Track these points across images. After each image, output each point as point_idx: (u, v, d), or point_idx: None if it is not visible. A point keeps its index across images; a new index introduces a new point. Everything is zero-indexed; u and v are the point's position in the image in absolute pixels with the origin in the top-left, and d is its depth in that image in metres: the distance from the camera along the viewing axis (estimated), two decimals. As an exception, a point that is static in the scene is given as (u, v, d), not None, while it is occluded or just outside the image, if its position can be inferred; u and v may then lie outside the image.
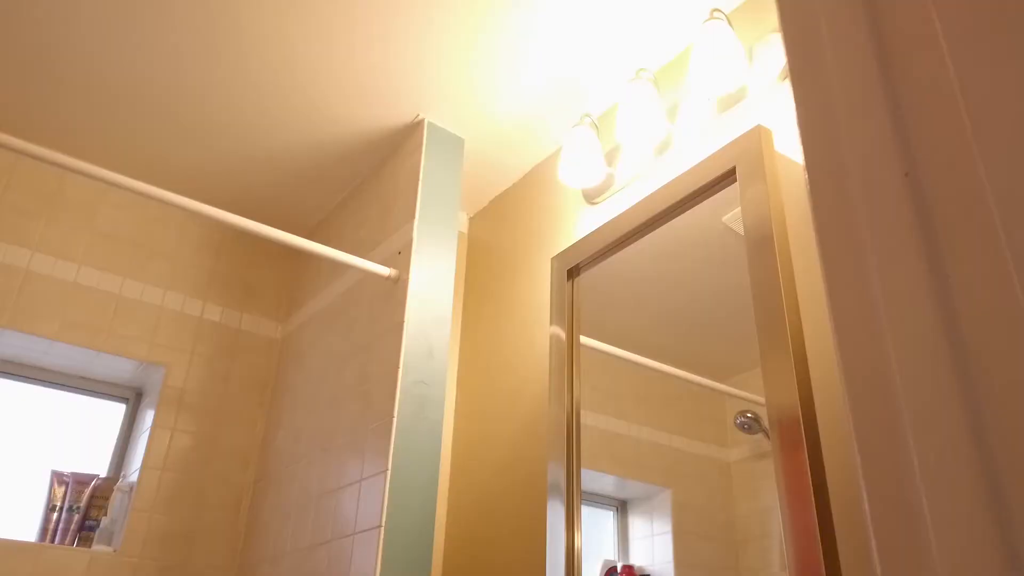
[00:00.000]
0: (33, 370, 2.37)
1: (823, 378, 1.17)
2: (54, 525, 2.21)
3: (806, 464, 1.08)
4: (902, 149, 0.47)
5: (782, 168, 1.37)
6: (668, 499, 1.36)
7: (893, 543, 0.39)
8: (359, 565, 1.66)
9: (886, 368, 0.44)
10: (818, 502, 1.06)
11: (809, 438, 1.11)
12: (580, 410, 1.63)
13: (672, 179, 1.58)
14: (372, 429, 1.82)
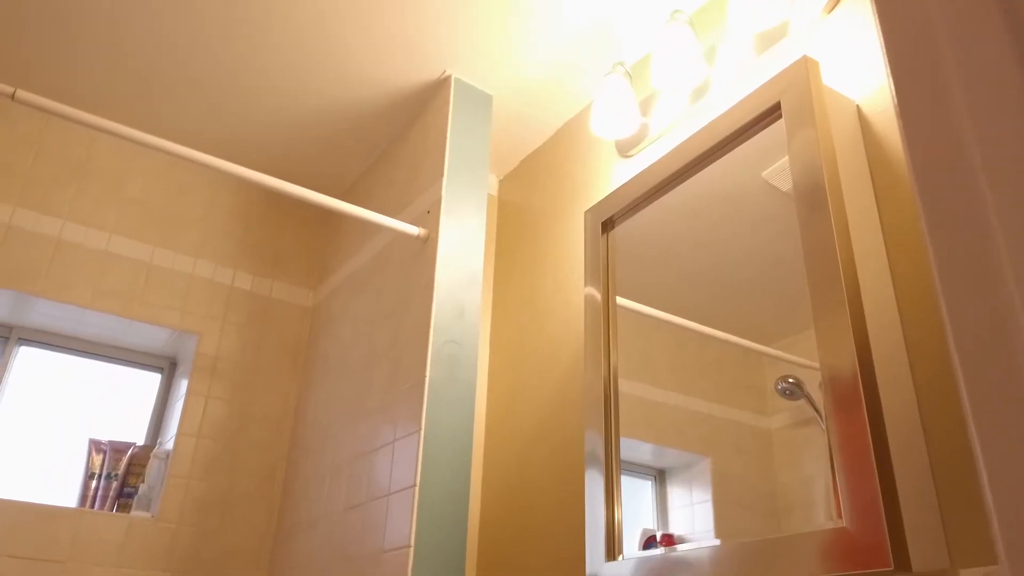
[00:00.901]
0: (69, 340, 2.38)
1: (882, 337, 1.11)
2: (93, 492, 2.23)
3: (866, 429, 1.02)
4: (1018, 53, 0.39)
5: (831, 104, 1.28)
6: (707, 468, 1.32)
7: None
8: (394, 526, 1.64)
9: (1008, 323, 0.37)
10: (880, 469, 1.00)
11: (869, 401, 1.04)
12: (617, 375, 1.58)
13: (711, 121, 1.51)
14: (404, 390, 1.79)
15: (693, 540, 1.28)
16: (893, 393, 1.08)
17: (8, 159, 2.23)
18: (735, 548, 1.17)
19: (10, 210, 2.19)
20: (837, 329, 1.11)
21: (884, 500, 0.98)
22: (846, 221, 1.19)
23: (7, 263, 2.14)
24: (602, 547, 1.41)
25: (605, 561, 1.39)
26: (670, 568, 1.25)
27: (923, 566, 0.97)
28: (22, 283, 2.14)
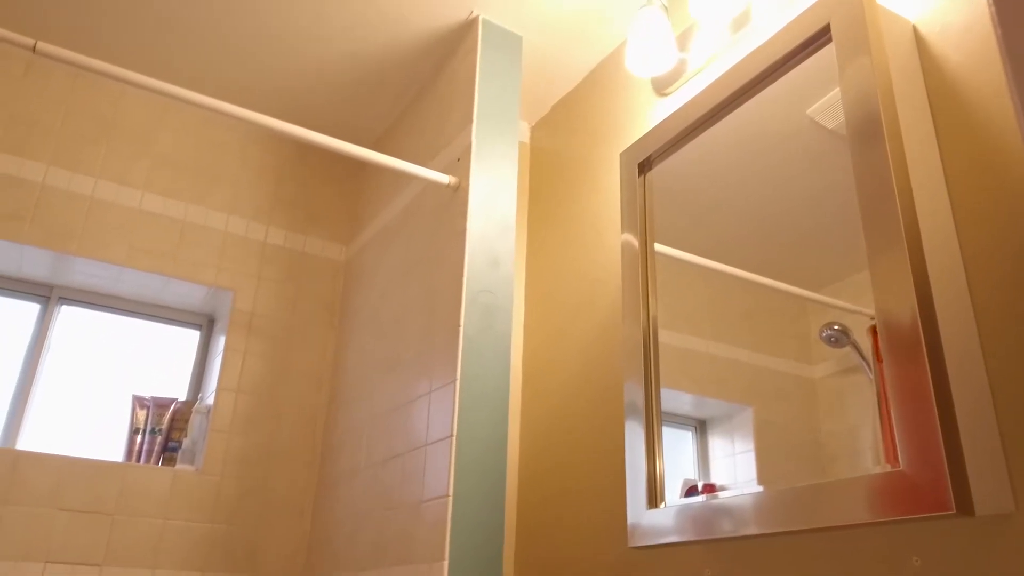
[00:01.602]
0: (108, 298, 2.41)
1: (943, 277, 1.04)
2: (138, 447, 2.27)
3: (926, 371, 0.97)
4: None
5: (886, 25, 1.19)
6: (749, 417, 1.28)
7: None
8: (433, 476, 1.63)
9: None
10: (941, 412, 0.94)
11: (929, 342, 0.98)
12: (657, 325, 1.53)
13: (753, 49, 1.42)
14: (439, 341, 1.77)
15: (735, 489, 1.25)
16: (954, 334, 1.02)
17: (38, 117, 2.23)
18: (779, 494, 1.13)
19: (43, 169, 2.19)
20: (895, 270, 1.05)
21: (945, 444, 0.93)
22: (904, 154, 1.12)
23: (43, 223, 2.16)
24: (643, 496, 1.38)
25: (646, 509, 1.37)
26: (712, 515, 1.22)
27: (986, 510, 0.92)
28: (59, 242, 2.16)
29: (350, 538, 1.97)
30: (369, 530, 1.87)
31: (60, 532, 1.94)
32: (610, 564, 1.57)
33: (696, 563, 1.36)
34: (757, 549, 1.26)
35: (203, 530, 2.12)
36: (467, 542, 1.54)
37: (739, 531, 1.17)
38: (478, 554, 1.54)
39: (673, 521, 1.30)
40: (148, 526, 2.05)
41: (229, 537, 2.15)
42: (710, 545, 1.34)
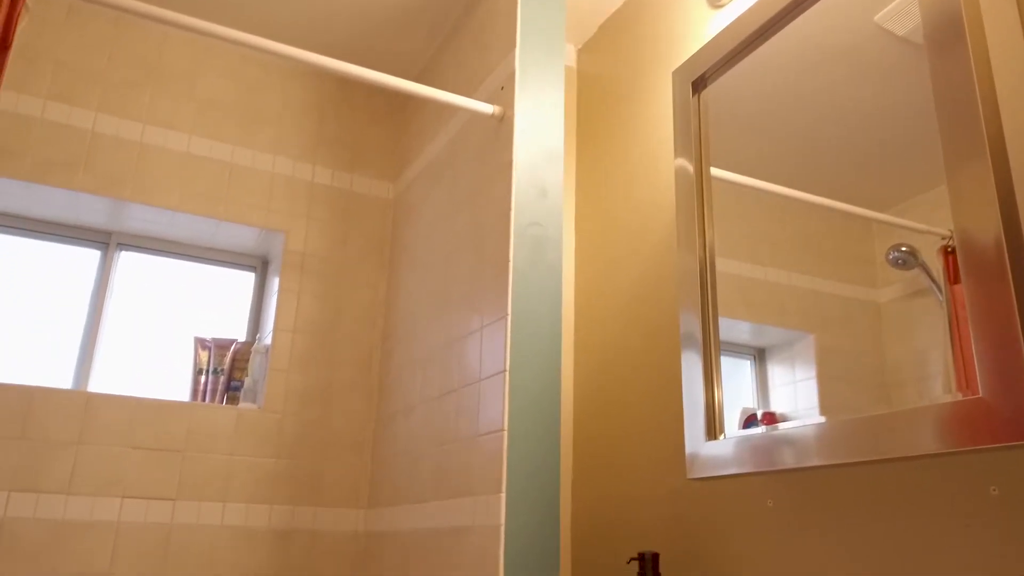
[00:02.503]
0: (165, 243, 2.45)
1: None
2: (203, 387, 2.34)
3: (1011, 291, 0.90)
4: None
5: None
6: (811, 344, 1.23)
7: None
8: (487, 410, 1.63)
9: None
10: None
11: (1015, 264, 0.91)
12: (714, 253, 1.48)
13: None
14: (488, 276, 1.74)
15: (796, 418, 1.21)
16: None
17: (84, 64, 2.23)
18: (844, 425, 1.09)
19: (92, 116, 2.21)
20: (977, 184, 0.97)
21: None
22: (988, 57, 1.02)
23: (96, 170, 2.18)
24: (702, 427, 1.36)
25: (705, 440, 1.34)
26: (774, 446, 1.19)
27: (1074, 439, 0.86)
28: (112, 189, 2.19)
29: (409, 471, 2.00)
30: (427, 463, 1.90)
31: (134, 469, 2.02)
32: (668, 496, 1.56)
33: (757, 494, 1.34)
34: (821, 480, 1.22)
35: (268, 465, 2.19)
36: (523, 475, 1.54)
37: (802, 462, 1.13)
38: (535, 486, 1.55)
39: (733, 452, 1.27)
40: (216, 462, 2.13)
41: (293, 471, 2.22)
42: (772, 476, 1.31)
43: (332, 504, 2.24)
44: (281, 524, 2.16)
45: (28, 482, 1.90)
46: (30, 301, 2.27)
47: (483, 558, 1.53)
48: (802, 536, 1.24)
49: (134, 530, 1.98)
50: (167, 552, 2.00)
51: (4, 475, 1.88)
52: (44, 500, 1.91)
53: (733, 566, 1.36)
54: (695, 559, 1.45)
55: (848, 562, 1.15)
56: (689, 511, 1.49)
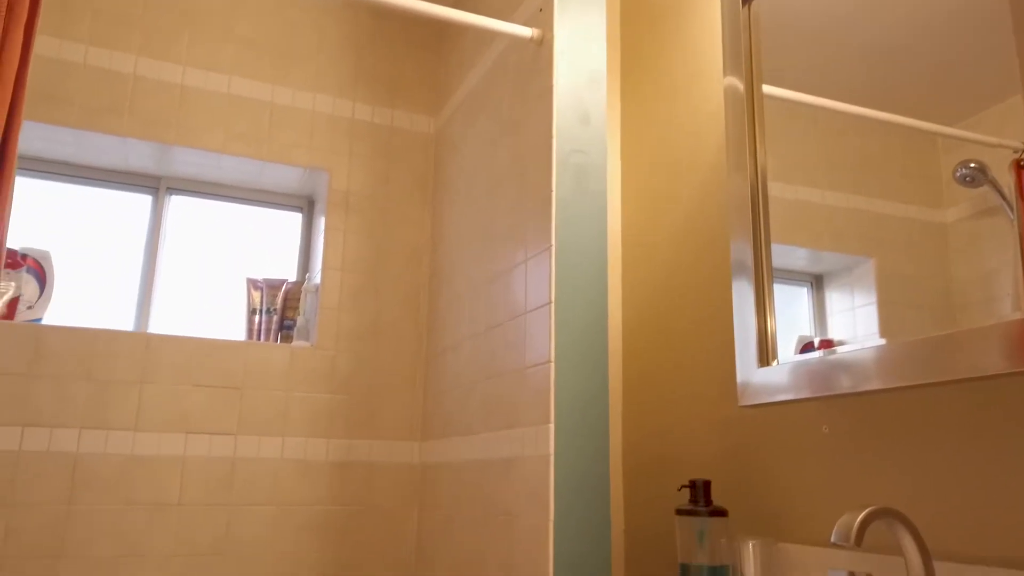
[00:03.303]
0: (212, 186, 2.48)
1: None
2: (257, 326, 2.39)
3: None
4: None
5: None
6: (871, 269, 1.17)
7: None
8: (534, 343, 1.63)
9: None
10: None
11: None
12: (767, 177, 1.41)
13: None
14: (531, 208, 1.71)
15: (855, 344, 1.17)
16: None
17: (121, 9, 2.23)
18: (905, 346, 1.04)
19: (133, 60, 2.22)
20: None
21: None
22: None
23: (140, 114, 2.20)
24: (754, 354, 1.32)
25: (757, 367, 1.31)
26: (830, 371, 1.15)
27: None
28: (157, 133, 2.21)
29: (460, 404, 2.03)
30: (477, 396, 1.91)
31: (196, 406, 2.10)
32: (720, 424, 1.54)
33: (812, 420, 1.31)
34: (880, 404, 1.18)
35: (323, 400, 2.24)
36: (571, 405, 1.54)
37: (860, 386, 1.09)
38: (583, 417, 1.55)
39: (787, 378, 1.23)
40: (273, 398, 2.19)
41: (348, 406, 2.27)
42: (828, 402, 1.28)
43: (387, 437, 2.29)
44: (338, 457, 2.22)
45: (98, 420, 1.99)
46: (91, 247, 2.34)
47: (533, 487, 1.55)
48: (859, 462, 1.21)
49: (199, 463, 2.06)
50: (231, 483, 2.09)
51: (75, 414, 1.97)
52: (113, 436, 1.99)
53: (786, 493, 1.34)
54: (747, 486, 1.43)
55: (907, 488, 1.12)
56: (741, 439, 1.47)
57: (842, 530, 0.94)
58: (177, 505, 2.02)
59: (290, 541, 2.11)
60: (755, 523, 1.40)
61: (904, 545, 0.98)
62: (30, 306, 2.13)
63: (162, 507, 2.00)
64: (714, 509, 1.35)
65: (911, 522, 0.97)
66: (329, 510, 2.17)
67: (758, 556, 1.28)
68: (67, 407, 1.97)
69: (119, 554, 1.94)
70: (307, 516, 2.15)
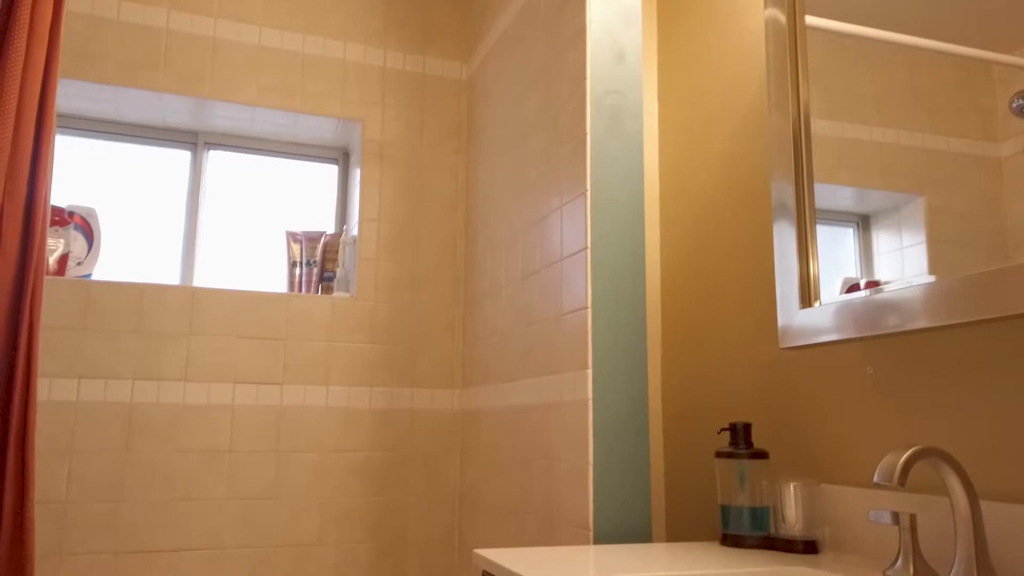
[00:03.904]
0: (249, 140, 2.49)
1: None
2: (298, 278, 2.43)
3: None
4: None
5: None
6: (921, 207, 1.13)
7: None
8: (570, 289, 1.62)
9: None
10: None
11: None
12: (809, 114, 1.36)
13: None
14: (565, 152, 1.68)
15: (903, 284, 1.14)
16: None
17: (151, -37, 2.22)
18: (955, 283, 1.01)
19: (165, 14, 2.22)
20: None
21: None
22: None
23: (174, 69, 2.21)
24: (795, 296, 1.30)
25: (799, 309, 1.28)
26: (876, 310, 1.12)
27: None
28: (191, 87, 2.22)
29: (498, 351, 2.04)
30: (515, 343, 1.92)
31: (242, 357, 2.15)
32: (761, 367, 1.52)
33: (856, 361, 1.28)
34: (928, 343, 1.15)
35: (364, 350, 2.28)
36: (609, 351, 1.54)
37: (907, 325, 1.07)
38: (621, 362, 1.54)
39: (830, 319, 1.21)
40: (316, 348, 2.23)
41: (388, 355, 2.30)
42: (872, 342, 1.25)
43: (428, 385, 2.33)
44: (381, 404, 2.27)
45: (149, 371, 2.06)
46: (134, 204, 2.38)
47: (573, 431, 1.56)
48: (903, 402, 1.18)
49: (247, 412, 2.13)
50: (279, 430, 2.15)
51: (128, 365, 2.04)
52: (164, 387, 2.06)
53: (829, 435, 1.33)
54: (788, 429, 1.42)
55: (953, 427, 1.10)
56: (782, 381, 1.46)
57: (885, 470, 0.93)
58: (228, 452, 2.09)
59: (336, 486, 2.18)
60: (797, 465, 1.40)
61: (950, 485, 0.96)
62: (79, 262, 2.19)
63: (214, 454, 2.07)
64: (754, 451, 1.35)
65: (957, 462, 0.95)
66: (373, 456, 2.23)
67: (799, 497, 1.27)
68: (119, 359, 2.03)
69: (175, 498, 2.02)
70: (352, 461, 2.20)
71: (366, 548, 2.17)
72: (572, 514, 1.53)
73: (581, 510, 1.49)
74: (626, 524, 1.48)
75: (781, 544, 1.26)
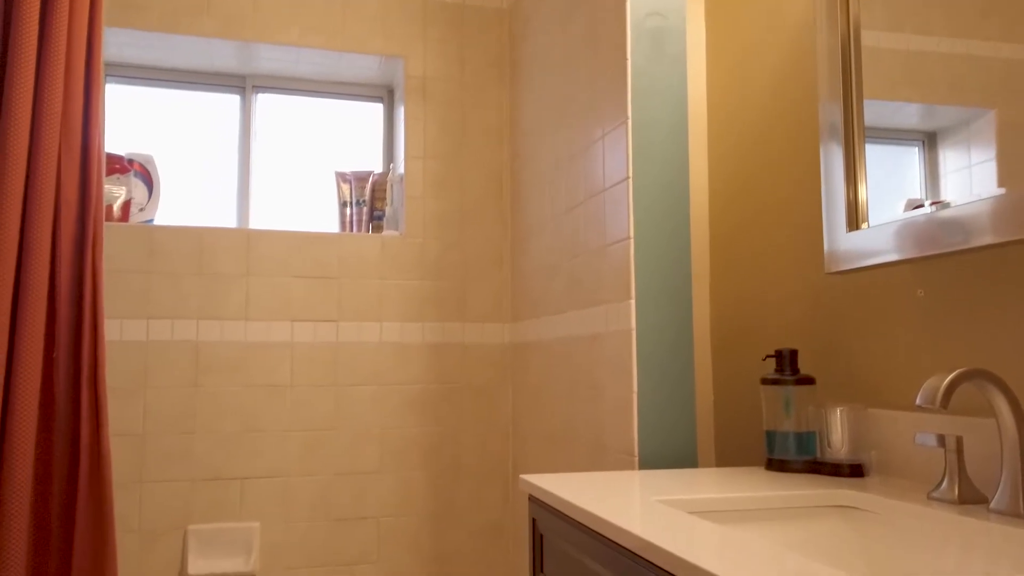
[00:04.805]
0: (295, 81, 2.51)
1: None
2: (349, 218, 2.47)
3: None
4: None
5: None
6: (991, 122, 1.07)
7: None
8: (613, 219, 1.61)
9: None
10: None
11: None
12: (860, 29, 1.29)
13: None
14: (606, 80, 1.65)
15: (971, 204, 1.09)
16: None
17: (189, -95, 2.22)
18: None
19: (205, -41, 2.22)
20: None
21: None
22: None
23: (218, 12, 2.23)
24: (842, 219, 1.26)
25: (846, 232, 1.25)
26: (936, 230, 1.08)
27: None
28: (235, 31, 2.24)
29: (545, 283, 2.05)
30: (561, 276, 1.93)
31: (298, 295, 2.22)
32: (808, 293, 1.50)
33: (905, 284, 1.25)
34: (987, 262, 1.11)
35: (415, 286, 2.32)
36: (652, 281, 1.53)
37: (971, 241, 1.03)
38: (665, 292, 1.54)
39: (884, 240, 1.17)
40: (369, 286, 2.28)
41: (438, 290, 2.34)
42: (925, 264, 1.21)
43: (478, 319, 2.37)
44: (433, 339, 2.32)
45: (212, 311, 2.15)
46: (188, 149, 2.44)
47: (617, 361, 1.57)
48: (954, 324, 1.15)
49: (306, 348, 2.21)
50: (336, 365, 2.23)
51: (191, 306, 2.13)
52: (227, 325, 2.15)
53: (876, 359, 1.31)
54: (834, 354, 1.40)
55: (1005, 349, 1.07)
56: (829, 307, 1.43)
57: (928, 393, 0.92)
58: (289, 386, 2.18)
59: (393, 417, 2.26)
60: (844, 391, 1.38)
61: (996, 406, 0.94)
62: (141, 208, 2.27)
63: (276, 388, 2.17)
64: (800, 377, 1.34)
65: (1004, 383, 0.93)
66: (427, 388, 2.30)
67: (846, 422, 1.26)
68: (183, 300, 2.13)
69: (242, 429, 2.14)
70: (407, 394, 2.28)
71: (423, 475, 2.27)
72: (618, 441, 1.56)
73: (626, 437, 1.52)
74: (671, 450, 1.50)
75: (827, 468, 1.26)
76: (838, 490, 1.11)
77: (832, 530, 1.07)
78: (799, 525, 1.08)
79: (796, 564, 0.70)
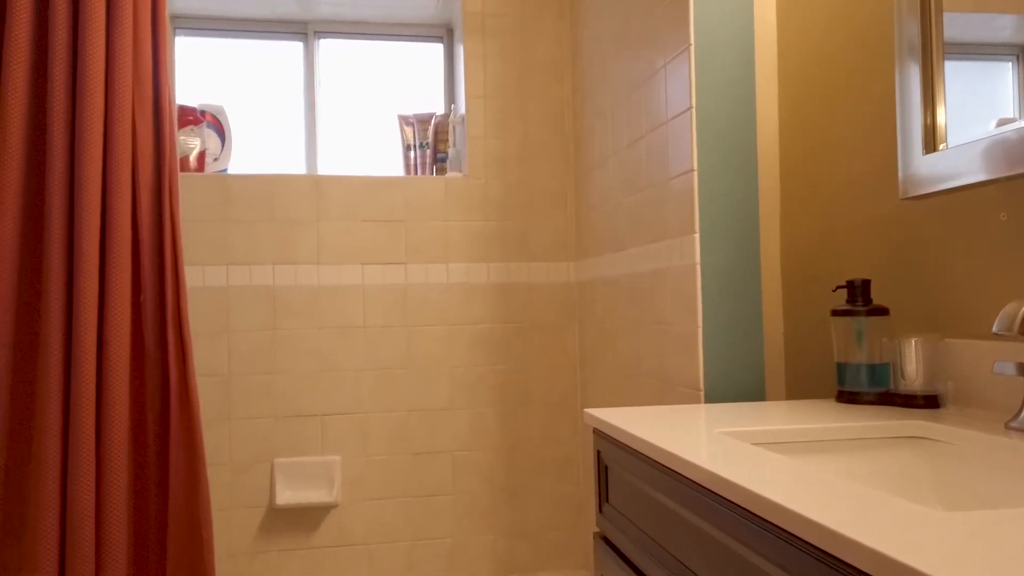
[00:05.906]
0: (355, 25, 2.51)
1: None
2: (413, 161, 2.49)
3: None
4: None
5: None
6: None
7: None
8: (676, 151, 1.57)
9: None
10: None
11: None
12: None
13: None
14: (666, 3, 1.58)
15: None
16: None
17: None
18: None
19: (261, -95, 2.22)
20: None
21: None
22: None
23: (277, -39, 2.23)
24: (918, 141, 1.19)
25: (922, 155, 1.19)
26: (1014, 146, 1.02)
27: None
28: (295, -22, 2.24)
29: (608, 220, 2.03)
30: (624, 211, 1.91)
31: (367, 239, 2.27)
32: (881, 220, 1.44)
33: (987, 208, 1.19)
34: (1069, 185, 1.05)
35: (479, 227, 2.34)
36: (717, 213, 1.50)
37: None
38: (730, 225, 1.50)
39: (958, 163, 1.11)
40: (434, 229, 2.31)
41: (503, 231, 2.35)
42: (1008, 185, 1.15)
43: (543, 259, 2.37)
44: (499, 279, 2.34)
45: (286, 256, 2.22)
46: (257, 99, 2.49)
47: (682, 295, 1.56)
48: (1040, 251, 1.09)
49: (376, 290, 2.27)
50: (406, 307, 2.28)
51: (266, 252, 2.21)
52: (300, 270, 2.23)
53: (954, 288, 1.25)
54: (910, 284, 1.35)
55: (1096, 275, 1.01)
56: (903, 235, 1.37)
57: (1005, 319, 0.88)
58: (362, 328, 2.25)
59: (463, 356, 2.31)
60: (920, 321, 1.33)
61: (1082, 333, 0.90)
62: (215, 158, 2.35)
63: (349, 329, 2.25)
64: (872, 308, 1.30)
65: (1092, 309, 0.88)
66: (495, 327, 2.33)
67: (921, 353, 1.23)
68: (259, 246, 2.21)
69: (319, 369, 2.23)
70: (475, 333, 2.32)
71: (494, 412, 2.32)
72: (683, 376, 1.56)
73: (692, 372, 1.51)
74: (738, 385, 1.49)
75: (900, 400, 1.23)
76: (911, 421, 1.08)
77: (903, 460, 1.06)
78: (869, 456, 1.06)
79: (863, 493, 0.69)
